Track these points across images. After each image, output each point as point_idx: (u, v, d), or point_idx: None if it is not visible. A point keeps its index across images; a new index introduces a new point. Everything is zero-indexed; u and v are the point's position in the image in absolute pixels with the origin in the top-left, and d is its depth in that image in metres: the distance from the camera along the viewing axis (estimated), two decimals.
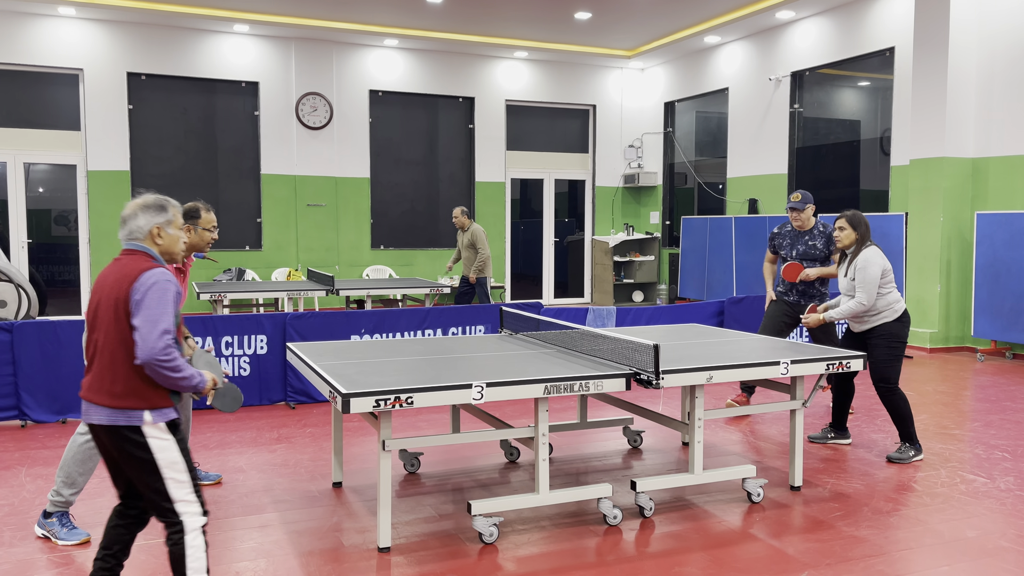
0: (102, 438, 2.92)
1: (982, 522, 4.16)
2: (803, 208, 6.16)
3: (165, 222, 3.02)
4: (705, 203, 14.31)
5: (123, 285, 2.86)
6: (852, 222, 5.29)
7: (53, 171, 12.09)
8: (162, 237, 3.02)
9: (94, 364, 2.91)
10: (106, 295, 2.89)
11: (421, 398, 3.55)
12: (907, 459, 5.21)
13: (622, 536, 3.98)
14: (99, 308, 2.90)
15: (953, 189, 9.49)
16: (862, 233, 5.29)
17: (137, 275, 2.86)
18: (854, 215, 5.32)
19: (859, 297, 5.16)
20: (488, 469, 5.05)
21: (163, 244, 3.03)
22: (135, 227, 2.98)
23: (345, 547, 3.84)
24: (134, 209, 2.99)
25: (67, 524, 3.89)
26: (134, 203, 3.01)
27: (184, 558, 2.89)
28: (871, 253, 5.21)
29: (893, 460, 5.21)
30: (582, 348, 4.56)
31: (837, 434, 5.65)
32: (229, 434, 5.87)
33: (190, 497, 2.92)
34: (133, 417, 2.84)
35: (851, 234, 5.28)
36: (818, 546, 3.85)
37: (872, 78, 11.12)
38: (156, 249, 3.02)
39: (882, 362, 5.23)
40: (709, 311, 8.24)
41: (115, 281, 2.88)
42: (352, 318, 6.95)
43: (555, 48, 13.89)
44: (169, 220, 3.03)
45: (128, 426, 2.85)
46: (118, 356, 2.85)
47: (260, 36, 12.81)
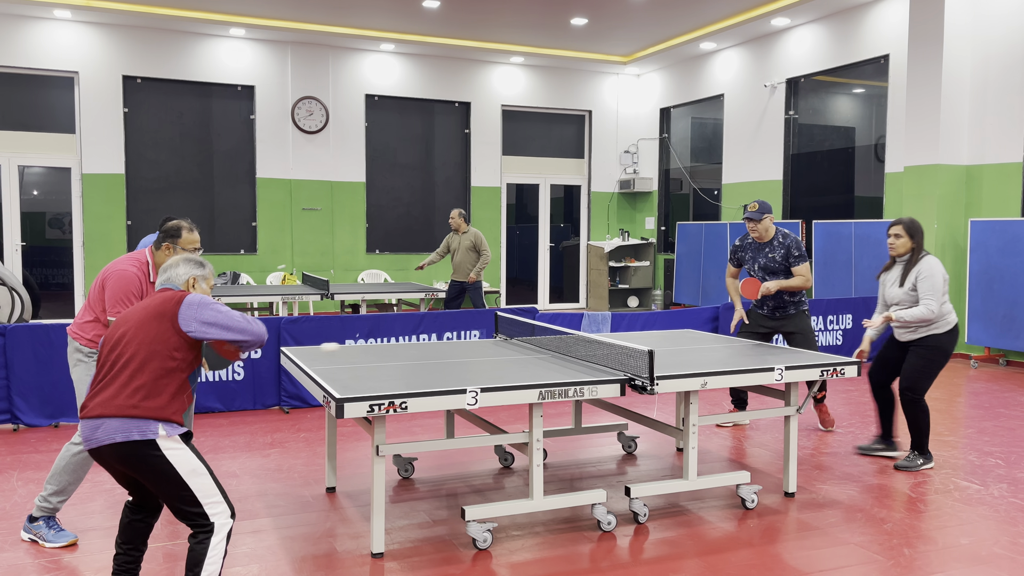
0: (113, 461, 2.94)
1: (976, 529, 4.16)
2: (760, 219, 5.82)
3: (201, 276, 3.35)
4: (700, 209, 14.33)
5: (168, 304, 3.08)
6: (909, 230, 5.13)
7: (48, 174, 12.06)
8: (195, 287, 3.34)
9: (110, 378, 2.98)
10: (143, 317, 3.06)
11: (415, 403, 3.54)
12: (915, 467, 5.16)
13: (616, 542, 3.98)
14: (129, 331, 3.03)
15: (947, 196, 9.52)
16: (918, 242, 5.13)
17: (182, 296, 3.12)
18: (911, 223, 5.14)
19: (928, 304, 4.98)
20: (482, 474, 5.04)
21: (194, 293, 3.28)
22: (175, 274, 3.30)
23: (338, 553, 3.83)
24: (177, 261, 3.33)
25: (54, 527, 3.88)
26: (177, 257, 3.36)
27: (203, 559, 2.92)
28: (933, 261, 5.06)
29: (901, 468, 5.16)
30: (577, 353, 4.56)
31: (886, 446, 5.50)
32: (223, 439, 5.85)
33: (216, 498, 2.98)
34: (147, 430, 2.91)
35: (907, 242, 5.14)
36: (812, 553, 3.85)
37: (867, 85, 11.16)
38: None
39: (916, 370, 5.11)
40: (704, 317, 8.25)
41: (156, 304, 3.09)
42: (347, 322, 6.94)
43: (551, 54, 13.92)
44: (204, 276, 3.37)
45: (143, 441, 2.91)
46: (147, 365, 2.97)
47: (256, 40, 12.81)
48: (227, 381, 6.65)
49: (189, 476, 2.94)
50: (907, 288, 5.12)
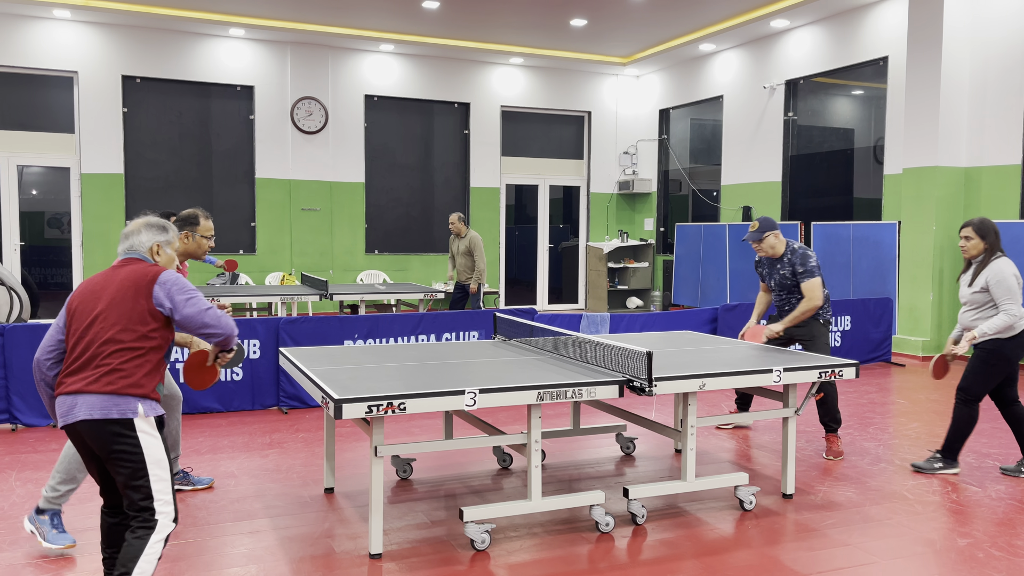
0: (86, 436, 2.91)
1: (973, 531, 4.17)
2: (760, 238, 5.63)
3: (165, 242, 3.23)
4: (699, 210, 14.34)
5: (141, 282, 3.00)
6: (980, 231, 4.93)
7: (47, 174, 12.05)
8: (160, 255, 3.21)
9: (87, 358, 2.93)
10: (116, 293, 2.98)
11: (414, 404, 3.54)
12: (931, 470, 5.09)
13: (614, 543, 3.98)
14: (102, 307, 2.97)
15: (946, 198, 9.53)
16: (991, 242, 4.92)
17: (156, 274, 3.04)
18: (982, 223, 4.94)
19: (1008, 310, 4.79)
20: (481, 475, 5.04)
21: (160, 261, 3.21)
22: (137, 242, 3.17)
23: (336, 553, 3.83)
24: (137, 226, 3.19)
25: (57, 525, 3.83)
26: (137, 221, 3.20)
27: (139, 554, 2.87)
28: (1003, 263, 4.85)
29: (917, 468, 5.14)
30: (575, 355, 4.56)
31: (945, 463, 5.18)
32: (221, 439, 5.85)
33: (168, 497, 2.96)
34: (126, 408, 2.89)
35: (979, 243, 4.94)
36: (810, 554, 3.85)
37: (866, 87, 11.17)
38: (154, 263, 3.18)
39: (973, 372, 4.98)
40: (703, 318, 8.25)
41: (129, 279, 3.01)
42: (345, 323, 6.94)
43: (551, 55, 13.92)
44: (168, 241, 3.24)
45: (120, 419, 2.88)
46: (125, 346, 2.93)
47: (256, 40, 12.81)
48: (226, 382, 6.65)
49: (152, 466, 2.92)
50: (975, 289, 4.92)
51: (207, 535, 4.04)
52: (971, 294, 4.97)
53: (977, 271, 4.96)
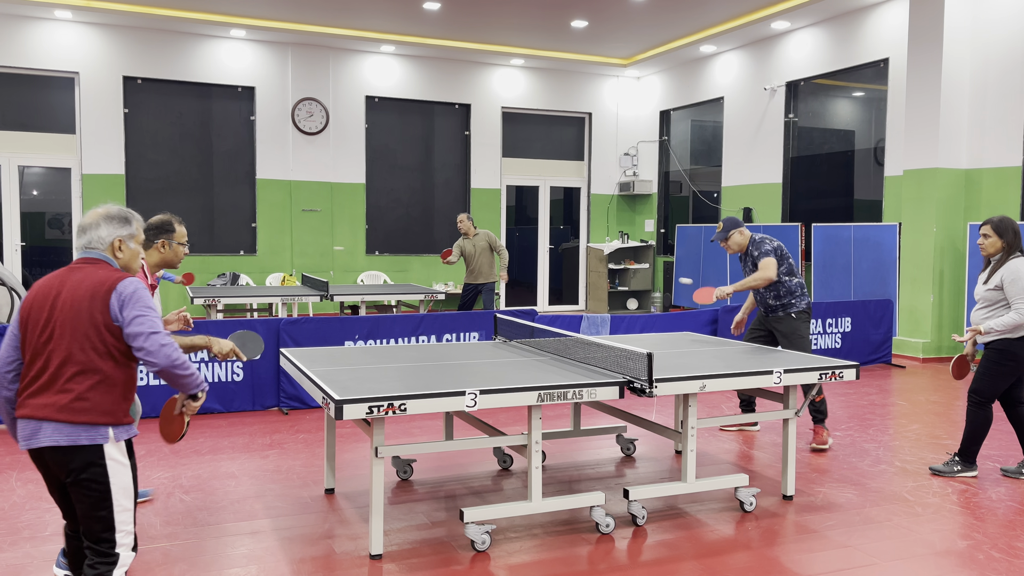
0: (51, 462, 2.69)
1: (973, 532, 4.17)
2: (725, 237, 5.86)
3: (128, 235, 2.87)
4: (700, 211, 14.34)
5: (98, 293, 2.68)
6: (998, 229, 4.90)
7: (48, 174, 12.06)
8: (123, 251, 2.87)
9: (47, 379, 2.67)
10: (70, 304, 2.68)
11: (414, 405, 3.54)
12: (951, 472, 5.09)
13: (615, 544, 3.98)
14: (57, 318, 2.68)
15: (946, 200, 9.53)
16: (1009, 241, 4.88)
17: (114, 283, 2.71)
18: (1001, 221, 4.91)
19: (1020, 308, 4.74)
20: (481, 476, 5.05)
21: (123, 258, 2.87)
22: (96, 237, 2.82)
23: (337, 554, 3.83)
24: (96, 218, 2.83)
25: None
26: (96, 212, 2.85)
27: None
28: (1019, 263, 4.82)
29: (936, 472, 5.13)
30: (576, 356, 4.56)
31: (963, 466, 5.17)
32: (222, 439, 5.85)
33: (129, 527, 2.76)
34: (96, 435, 2.67)
35: (996, 241, 4.90)
36: (810, 556, 3.86)
37: (866, 89, 11.18)
38: (116, 262, 2.86)
39: (984, 373, 4.96)
40: (703, 319, 8.25)
41: (85, 289, 2.69)
42: (346, 324, 6.95)
43: (551, 56, 13.93)
44: (132, 234, 2.88)
45: (90, 446, 2.66)
46: (89, 367, 2.66)
47: (257, 41, 12.82)
48: (226, 382, 6.65)
49: (118, 495, 2.71)
50: (989, 286, 4.89)
51: (207, 535, 4.04)
52: (985, 291, 4.94)
53: (994, 269, 4.93)
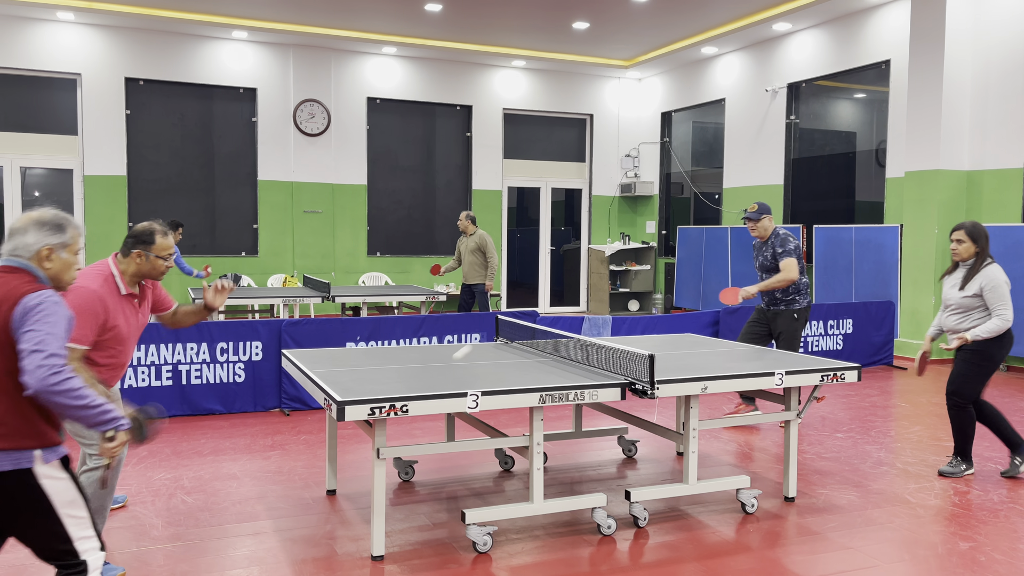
0: None
1: (975, 534, 4.17)
2: (758, 218, 6.25)
3: (59, 244, 2.61)
4: (701, 213, 14.35)
5: (4, 306, 2.44)
6: (972, 234, 4.99)
7: (49, 175, 12.07)
8: (51, 260, 2.60)
9: None
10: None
11: (416, 406, 3.55)
12: (959, 473, 5.14)
13: (616, 546, 3.98)
14: None
15: (948, 201, 9.53)
16: (982, 246, 4.99)
17: (19, 296, 2.45)
18: (974, 227, 5.01)
19: (1003, 315, 4.86)
20: (482, 477, 5.05)
21: (51, 269, 2.61)
22: (22, 243, 2.56)
23: (339, 555, 3.84)
24: (26, 223, 2.58)
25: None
26: (28, 216, 2.61)
27: None
28: (995, 270, 4.94)
29: (945, 474, 5.14)
30: (578, 357, 4.56)
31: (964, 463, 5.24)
32: (223, 440, 5.86)
33: (88, 533, 2.59)
34: (21, 459, 2.45)
35: (971, 247, 5.00)
36: (812, 557, 3.85)
37: (868, 90, 11.18)
38: (43, 272, 2.60)
39: (962, 375, 5.04)
40: (704, 321, 8.25)
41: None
42: (348, 325, 6.95)
43: (553, 57, 13.94)
44: (65, 243, 2.62)
45: (16, 470, 2.45)
46: (6, 385, 2.44)
47: (259, 43, 12.84)
48: (228, 383, 6.66)
49: (65, 508, 2.51)
50: (967, 293, 4.97)
51: (209, 536, 4.04)
52: (961, 298, 5.01)
53: (969, 276, 5.00)
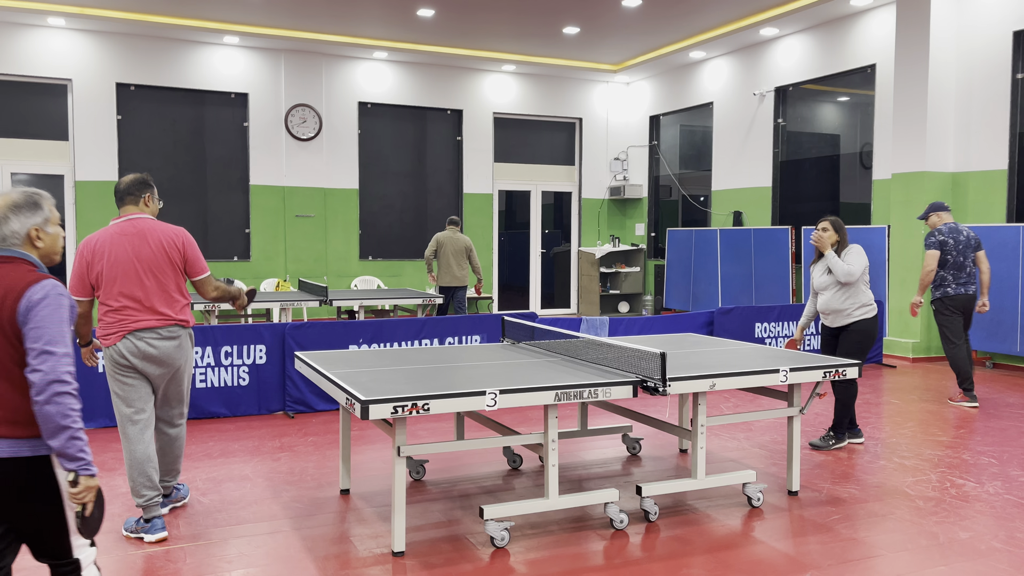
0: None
1: (974, 524, 4.31)
2: (927, 216, 7.56)
3: (43, 221, 2.60)
4: (689, 215, 14.52)
5: (9, 299, 2.43)
6: (836, 225, 5.81)
7: (40, 181, 12.04)
8: (42, 239, 2.60)
9: None
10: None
11: (437, 405, 3.64)
12: (828, 447, 5.79)
13: (628, 539, 4.09)
14: None
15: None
16: (843, 236, 5.83)
17: (24, 288, 2.44)
18: (836, 219, 5.84)
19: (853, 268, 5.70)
20: (491, 476, 5.14)
21: (43, 247, 2.62)
22: (9, 232, 2.54)
23: (359, 552, 3.92)
24: (3, 211, 2.54)
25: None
26: (1, 204, 2.56)
27: None
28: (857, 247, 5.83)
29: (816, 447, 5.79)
30: (586, 356, 4.67)
31: (850, 433, 5.98)
32: (231, 443, 5.91)
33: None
34: (40, 447, 2.45)
35: (833, 235, 5.81)
36: (819, 548, 3.98)
37: (853, 94, 11.38)
38: (35, 253, 2.60)
39: (851, 354, 5.77)
40: (699, 321, 8.39)
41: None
42: (350, 328, 7.02)
43: (542, 62, 14.07)
44: (47, 218, 2.61)
45: (35, 456, 2.44)
46: (13, 378, 2.44)
47: (250, 48, 12.87)
48: (232, 387, 6.71)
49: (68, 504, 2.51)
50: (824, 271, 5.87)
51: (230, 535, 4.11)
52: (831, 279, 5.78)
53: None
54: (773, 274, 11.77)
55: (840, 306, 5.75)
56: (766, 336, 8.86)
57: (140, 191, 4.21)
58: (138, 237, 4.09)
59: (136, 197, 4.21)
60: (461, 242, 10.36)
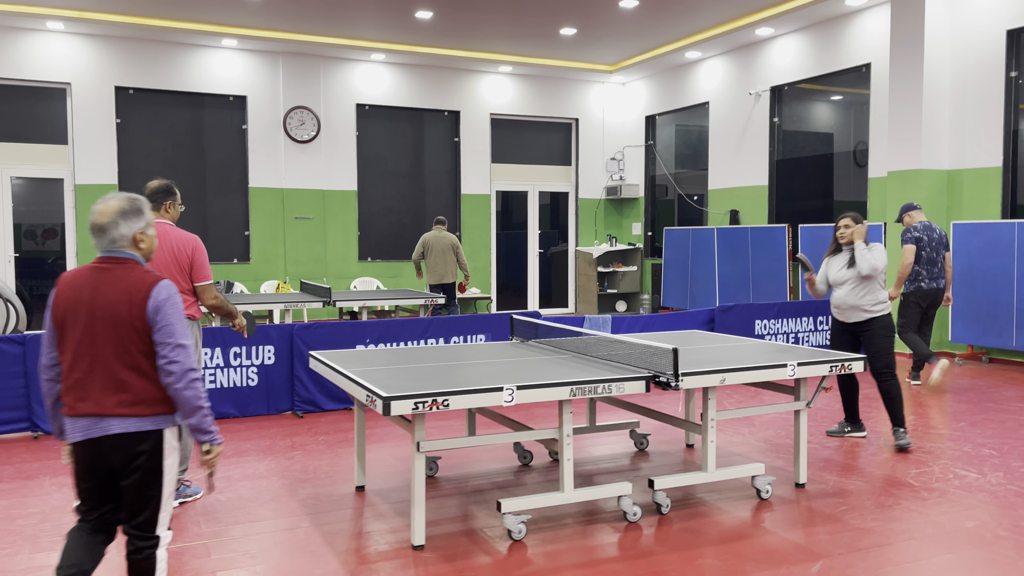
0: (108, 450, 2.76)
1: (978, 514, 4.41)
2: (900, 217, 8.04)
3: (145, 225, 2.92)
4: (685, 214, 14.62)
5: (134, 299, 2.76)
6: (857, 220, 5.84)
7: (40, 185, 12.06)
8: (144, 241, 2.91)
9: (99, 378, 2.76)
10: (109, 307, 2.76)
11: (456, 400, 3.71)
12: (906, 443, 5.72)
13: (642, 532, 4.17)
14: (98, 321, 2.75)
15: (930, 200, 9.85)
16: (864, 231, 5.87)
17: (150, 287, 2.78)
18: (857, 215, 5.87)
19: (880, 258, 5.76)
20: (502, 472, 5.22)
21: (145, 248, 2.93)
22: (118, 235, 2.84)
23: (380, 546, 3.99)
24: (112, 216, 2.84)
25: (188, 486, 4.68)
26: (109, 209, 2.84)
27: (153, 572, 2.84)
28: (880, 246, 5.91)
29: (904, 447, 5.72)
30: (596, 353, 4.75)
31: (852, 427, 6.09)
32: (243, 443, 5.98)
33: (170, 510, 2.91)
34: (159, 421, 2.80)
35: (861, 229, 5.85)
36: (829, 538, 4.07)
37: (848, 92, 11.50)
38: (139, 254, 2.91)
39: (884, 349, 5.75)
40: (700, 319, 8.49)
41: (121, 292, 2.77)
42: (357, 328, 7.09)
43: (538, 63, 14.16)
44: (148, 222, 2.93)
45: (152, 431, 2.78)
46: (136, 365, 2.76)
47: (248, 51, 12.92)
48: (241, 387, 6.76)
49: (169, 479, 2.85)
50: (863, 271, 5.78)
51: (251, 532, 4.18)
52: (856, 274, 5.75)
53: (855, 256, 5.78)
54: (770, 272, 11.88)
55: (857, 302, 5.76)
56: (766, 333, 8.96)
57: (161, 198, 4.64)
58: None
59: (157, 204, 4.63)
60: (446, 240, 10.60)
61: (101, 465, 2.81)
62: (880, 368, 5.75)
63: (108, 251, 2.85)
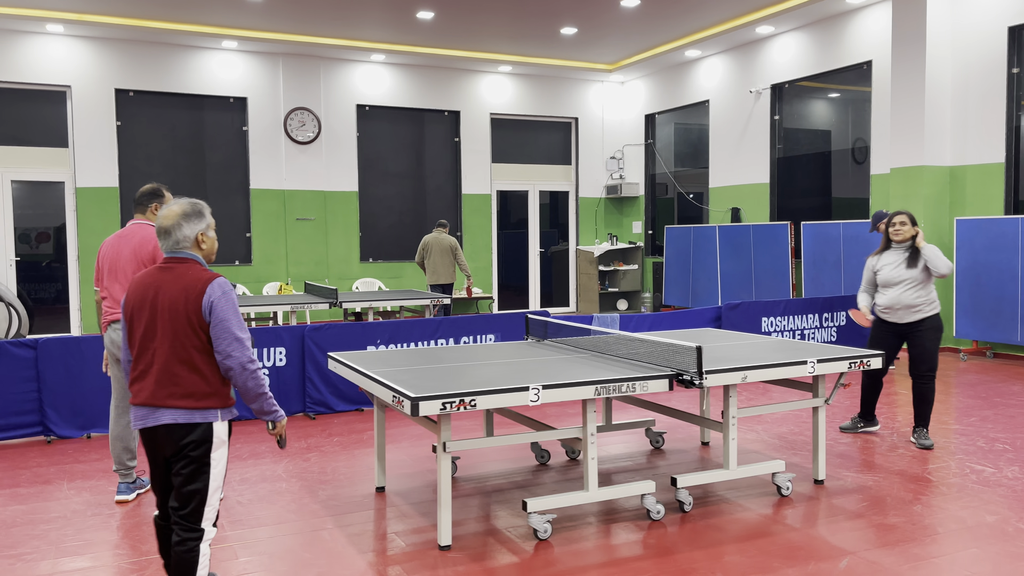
0: (162, 438, 2.96)
1: (998, 508, 4.43)
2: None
3: (206, 227, 3.11)
4: (685, 212, 14.65)
5: (191, 295, 2.94)
6: (912, 219, 5.82)
7: (41, 188, 12.01)
8: (205, 242, 3.11)
9: (156, 371, 2.94)
10: (169, 303, 2.94)
11: (483, 400, 3.72)
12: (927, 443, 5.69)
13: (667, 529, 4.18)
14: (159, 317, 2.94)
15: (932, 196, 9.89)
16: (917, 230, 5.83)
17: (205, 284, 2.96)
18: (911, 214, 5.86)
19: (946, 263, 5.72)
20: (520, 472, 5.22)
21: (206, 249, 3.12)
22: (182, 237, 3.04)
23: (405, 547, 3.99)
24: (175, 219, 3.04)
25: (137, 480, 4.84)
26: (172, 213, 3.05)
27: (195, 565, 2.94)
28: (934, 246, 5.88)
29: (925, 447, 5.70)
30: (617, 352, 4.76)
31: (866, 423, 6.14)
32: (258, 444, 5.97)
33: (216, 505, 3.02)
34: (209, 415, 2.97)
35: (912, 229, 5.80)
36: (854, 534, 4.09)
37: (850, 90, 11.54)
38: (201, 254, 3.11)
39: (930, 352, 5.73)
40: (707, 316, 8.51)
41: (179, 289, 2.95)
42: (368, 329, 7.08)
43: (538, 62, 14.16)
44: (209, 224, 3.12)
45: (201, 423, 2.95)
46: (197, 362, 2.94)
47: (248, 52, 12.89)
48: None
49: (216, 472, 2.99)
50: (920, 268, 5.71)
51: (276, 533, 4.17)
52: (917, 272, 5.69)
53: (915, 255, 5.71)
54: (773, 269, 11.91)
55: (913, 301, 5.68)
56: (773, 330, 8.99)
57: (147, 201, 4.82)
58: (124, 240, 4.68)
59: (143, 207, 4.82)
60: (445, 242, 10.70)
61: (158, 454, 3.05)
62: (924, 370, 5.71)
63: (172, 252, 3.06)
